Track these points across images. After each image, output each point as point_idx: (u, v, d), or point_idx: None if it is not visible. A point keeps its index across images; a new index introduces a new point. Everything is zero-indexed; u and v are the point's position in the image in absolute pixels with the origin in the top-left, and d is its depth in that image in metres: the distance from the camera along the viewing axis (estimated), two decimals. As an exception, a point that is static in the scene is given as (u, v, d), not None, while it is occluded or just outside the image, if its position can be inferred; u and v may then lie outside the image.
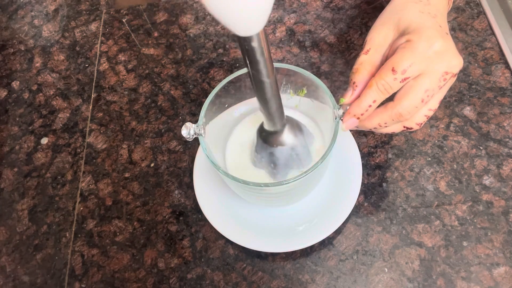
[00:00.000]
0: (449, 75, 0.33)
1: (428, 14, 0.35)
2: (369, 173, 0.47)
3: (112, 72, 0.58)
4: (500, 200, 0.44)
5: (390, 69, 0.33)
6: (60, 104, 0.57)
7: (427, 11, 0.35)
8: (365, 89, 0.34)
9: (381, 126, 0.36)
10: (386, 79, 0.33)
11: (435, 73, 0.33)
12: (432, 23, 0.34)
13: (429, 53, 0.33)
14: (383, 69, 0.33)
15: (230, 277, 0.44)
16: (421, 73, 0.33)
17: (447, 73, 0.33)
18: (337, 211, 0.43)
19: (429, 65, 0.33)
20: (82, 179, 0.51)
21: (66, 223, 0.48)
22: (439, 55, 0.33)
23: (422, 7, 0.36)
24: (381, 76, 0.33)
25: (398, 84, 0.33)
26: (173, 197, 0.48)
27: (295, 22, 0.58)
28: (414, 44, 0.33)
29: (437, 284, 0.41)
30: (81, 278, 0.45)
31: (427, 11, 0.35)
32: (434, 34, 0.33)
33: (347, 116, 0.35)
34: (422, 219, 0.44)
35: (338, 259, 0.43)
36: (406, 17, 0.35)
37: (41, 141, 0.54)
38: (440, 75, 0.33)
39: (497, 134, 0.48)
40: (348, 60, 0.55)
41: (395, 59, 0.33)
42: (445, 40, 0.33)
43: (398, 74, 0.33)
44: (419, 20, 0.34)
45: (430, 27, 0.34)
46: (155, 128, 0.53)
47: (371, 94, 0.34)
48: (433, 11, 0.35)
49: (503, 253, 0.42)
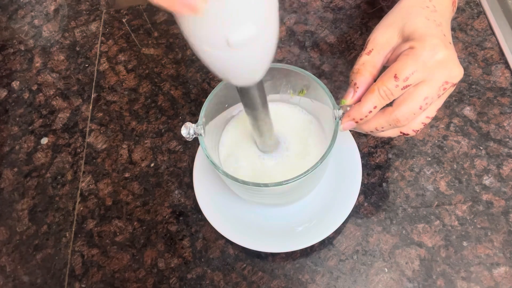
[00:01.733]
0: (449, 84, 0.33)
1: (433, 22, 0.35)
2: (369, 173, 0.47)
3: (112, 72, 0.58)
4: (500, 200, 0.44)
5: (393, 76, 0.33)
6: (60, 104, 0.57)
7: (433, 18, 0.35)
8: (366, 94, 0.34)
9: (378, 130, 0.36)
10: (388, 85, 0.33)
11: (436, 82, 0.33)
12: (436, 31, 0.34)
13: (432, 62, 0.33)
14: (385, 75, 0.33)
15: (230, 277, 0.44)
16: (422, 81, 0.33)
17: (447, 82, 0.33)
18: (337, 211, 0.43)
19: (431, 74, 0.33)
20: (82, 179, 0.51)
21: (66, 223, 0.48)
22: (441, 64, 0.33)
23: (428, 14, 0.35)
24: (383, 82, 0.33)
25: (400, 91, 0.33)
26: (173, 197, 0.48)
27: (295, 22, 0.58)
28: (417, 51, 0.33)
29: (437, 284, 0.41)
30: (81, 278, 0.45)
31: (433, 19, 0.35)
32: (438, 43, 0.33)
33: (346, 118, 0.35)
34: (422, 219, 0.44)
35: (338, 259, 0.43)
36: (412, 23, 0.35)
37: (41, 141, 0.54)
38: (441, 84, 0.33)
39: (497, 134, 0.48)
40: (348, 60, 0.55)
41: (397, 66, 0.33)
42: (448, 50, 0.33)
43: (400, 81, 0.33)
44: (424, 27, 0.34)
45: (434, 35, 0.33)
46: (155, 128, 0.53)
47: (372, 99, 0.34)
48: (438, 18, 0.35)
49: (503, 253, 0.42)
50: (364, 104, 0.34)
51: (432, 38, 0.33)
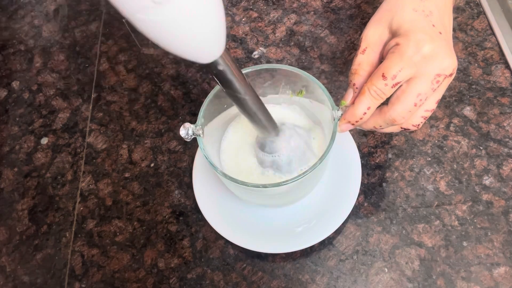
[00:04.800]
0: (442, 76, 0.33)
1: (422, 13, 0.34)
2: (369, 173, 0.47)
3: (112, 72, 0.58)
4: (500, 200, 0.44)
5: (381, 75, 0.33)
6: (60, 104, 0.57)
7: (421, 8, 0.34)
8: (359, 96, 0.34)
9: (377, 128, 0.36)
10: (378, 85, 0.33)
11: (427, 76, 0.32)
12: (424, 23, 0.34)
13: (418, 57, 0.32)
14: (374, 75, 0.33)
15: (230, 277, 0.44)
16: (413, 77, 0.33)
17: (439, 75, 0.33)
18: (336, 211, 0.43)
19: (420, 69, 0.32)
20: (82, 179, 0.51)
21: (66, 223, 0.48)
22: (429, 58, 0.32)
23: (416, 4, 0.35)
24: (372, 82, 0.33)
25: (390, 89, 0.33)
26: (173, 197, 0.48)
27: (295, 22, 0.58)
28: (402, 48, 0.32)
29: (437, 284, 0.41)
30: (81, 278, 0.45)
31: (421, 9, 0.34)
32: (423, 37, 0.32)
33: (343, 121, 0.35)
34: (422, 219, 0.44)
35: (338, 259, 0.43)
36: (399, 17, 0.34)
37: (41, 141, 0.54)
38: (432, 77, 0.33)
39: (497, 134, 0.48)
40: (348, 60, 0.54)
41: (384, 65, 0.33)
42: (435, 41, 0.33)
43: (389, 80, 0.32)
44: (410, 20, 0.34)
45: (420, 29, 0.33)
46: (155, 128, 0.53)
47: (364, 101, 0.34)
48: (428, 7, 0.35)
49: (503, 253, 0.42)
50: (358, 106, 0.34)
51: (417, 33, 0.33)
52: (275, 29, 0.58)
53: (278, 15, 0.59)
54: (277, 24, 0.59)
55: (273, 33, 0.58)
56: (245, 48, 0.57)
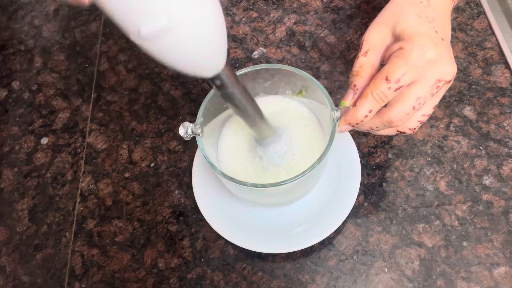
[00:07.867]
0: (441, 82, 0.33)
1: (425, 19, 0.34)
2: (369, 173, 0.47)
3: (112, 72, 0.58)
4: (500, 200, 0.44)
5: (384, 79, 0.33)
6: (60, 104, 0.57)
7: (425, 14, 0.35)
8: (361, 98, 0.34)
9: (373, 130, 0.36)
10: (381, 88, 0.33)
11: (428, 81, 0.33)
12: (427, 28, 0.34)
13: (422, 61, 0.32)
14: (377, 78, 0.33)
15: (230, 277, 0.44)
16: (414, 81, 0.33)
17: (439, 80, 0.33)
18: (336, 211, 0.43)
19: (422, 74, 0.33)
20: (82, 179, 0.51)
21: (66, 223, 0.48)
22: (432, 63, 0.33)
23: (420, 10, 0.35)
24: (375, 85, 0.33)
25: (393, 93, 0.33)
26: (173, 197, 0.48)
27: (295, 22, 0.58)
28: (406, 52, 0.33)
29: (437, 284, 0.41)
30: (81, 278, 0.45)
31: (425, 15, 0.35)
32: (427, 42, 0.33)
33: (343, 122, 0.35)
34: (422, 219, 0.44)
35: (338, 259, 0.43)
36: (403, 21, 0.35)
37: (41, 141, 0.54)
38: (433, 82, 0.33)
39: (497, 134, 0.48)
40: (348, 60, 0.54)
41: (388, 68, 0.33)
42: (439, 47, 0.33)
43: (392, 83, 0.32)
44: (414, 25, 0.34)
45: (424, 34, 0.33)
46: (155, 128, 0.53)
47: (366, 104, 0.34)
48: (431, 14, 0.35)
49: (503, 253, 0.42)
50: (360, 109, 0.34)
51: (421, 38, 0.33)
52: (275, 29, 0.58)
53: (278, 15, 0.59)
54: (277, 24, 0.59)
55: (273, 33, 0.58)
56: (245, 48, 0.57)
